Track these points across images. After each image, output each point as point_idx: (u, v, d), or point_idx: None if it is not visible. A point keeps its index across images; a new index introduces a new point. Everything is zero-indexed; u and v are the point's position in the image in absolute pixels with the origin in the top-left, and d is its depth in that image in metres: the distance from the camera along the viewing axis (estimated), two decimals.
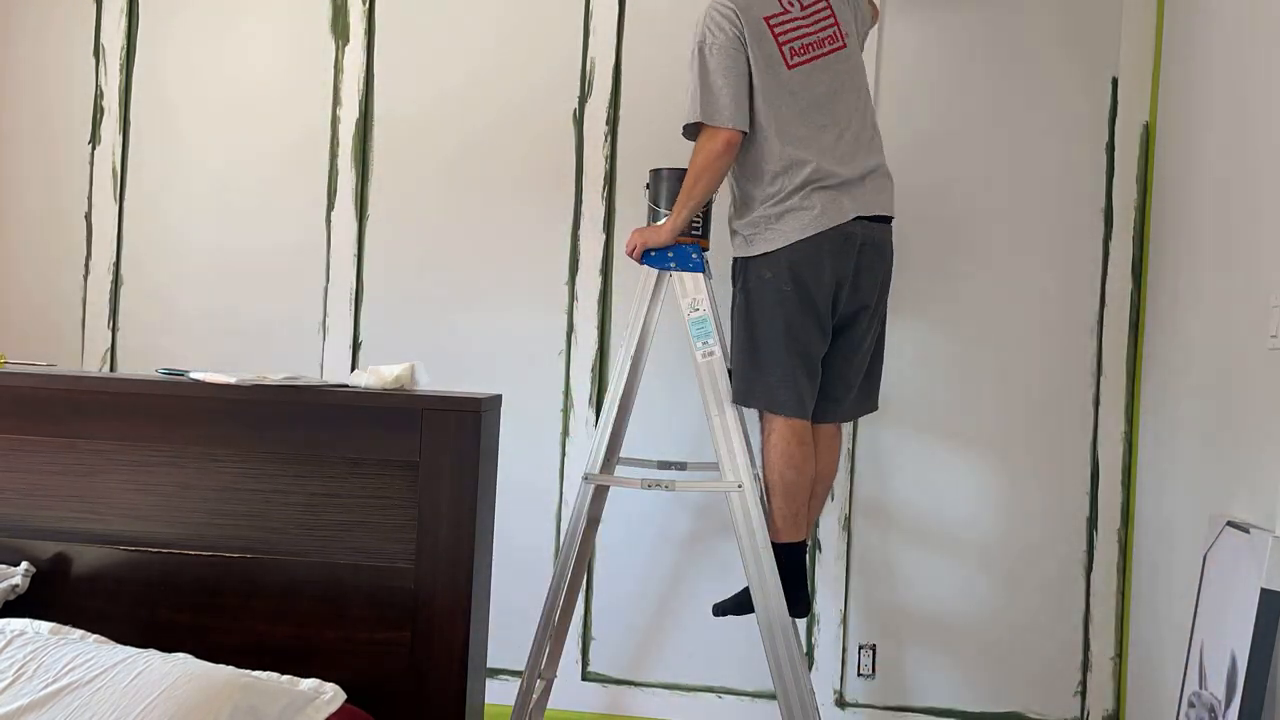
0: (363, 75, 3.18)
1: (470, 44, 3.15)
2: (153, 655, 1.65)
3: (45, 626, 1.74)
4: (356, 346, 3.18)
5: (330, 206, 3.19)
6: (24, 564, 1.92)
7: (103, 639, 1.74)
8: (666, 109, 3.06)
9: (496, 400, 1.94)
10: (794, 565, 2.49)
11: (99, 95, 3.28)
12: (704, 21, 2.41)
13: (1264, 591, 1.97)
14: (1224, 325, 2.37)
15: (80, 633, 1.75)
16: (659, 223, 2.54)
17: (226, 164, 3.24)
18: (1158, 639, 2.69)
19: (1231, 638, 2.07)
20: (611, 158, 3.07)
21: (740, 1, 2.41)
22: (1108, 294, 2.92)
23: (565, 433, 3.10)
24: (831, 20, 2.50)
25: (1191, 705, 2.21)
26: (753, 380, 2.43)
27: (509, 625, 3.02)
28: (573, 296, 3.09)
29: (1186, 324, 2.60)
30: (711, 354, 2.46)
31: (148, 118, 3.28)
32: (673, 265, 2.53)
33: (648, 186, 2.62)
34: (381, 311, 3.17)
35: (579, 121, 3.09)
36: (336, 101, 3.19)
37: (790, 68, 2.42)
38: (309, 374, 3.04)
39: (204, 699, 1.53)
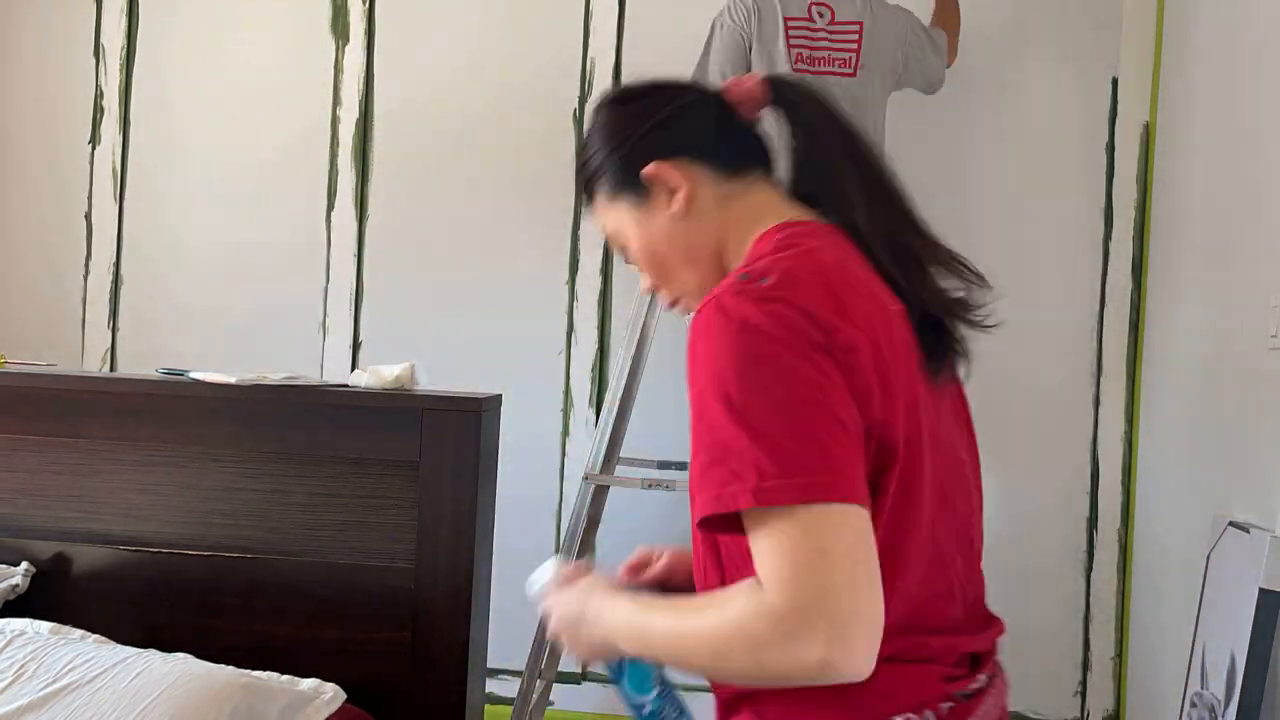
0: (363, 75, 3.18)
1: (470, 43, 3.15)
2: (153, 655, 1.65)
3: (45, 626, 1.74)
4: (356, 346, 3.18)
5: (330, 206, 3.19)
6: (24, 564, 1.91)
7: (103, 639, 1.74)
8: None
9: (496, 400, 1.94)
10: None
11: (99, 95, 3.28)
12: (726, 3, 2.47)
13: (1262, 591, 1.97)
14: (1224, 325, 2.37)
15: (80, 633, 1.75)
16: None
17: (226, 163, 3.24)
18: (1158, 639, 2.69)
19: (1231, 638, 2.07)
20: None
21: None
22: (1108, 294, 2.92)
23: (565, 433, 3.10)
24: (855, 46, 2.48)
25: (1194, 705, 2.21)
26: None
27: (509, 625, 3.02)
28: (573, 296, 3.09)
29: (1187, 324, 2.60)
30: None
31: (148, 118, 3.28)
32: None
33: None
34: (381, 311, 3.17)
35: (579, 121, 3.09)
36: (336, 101, 3.19)
37: (792, 68, 2.42)
38: (309, 374, 3.04)
39: (204, 699, 1.53)
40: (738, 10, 2.44)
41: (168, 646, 1.72)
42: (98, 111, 3.28)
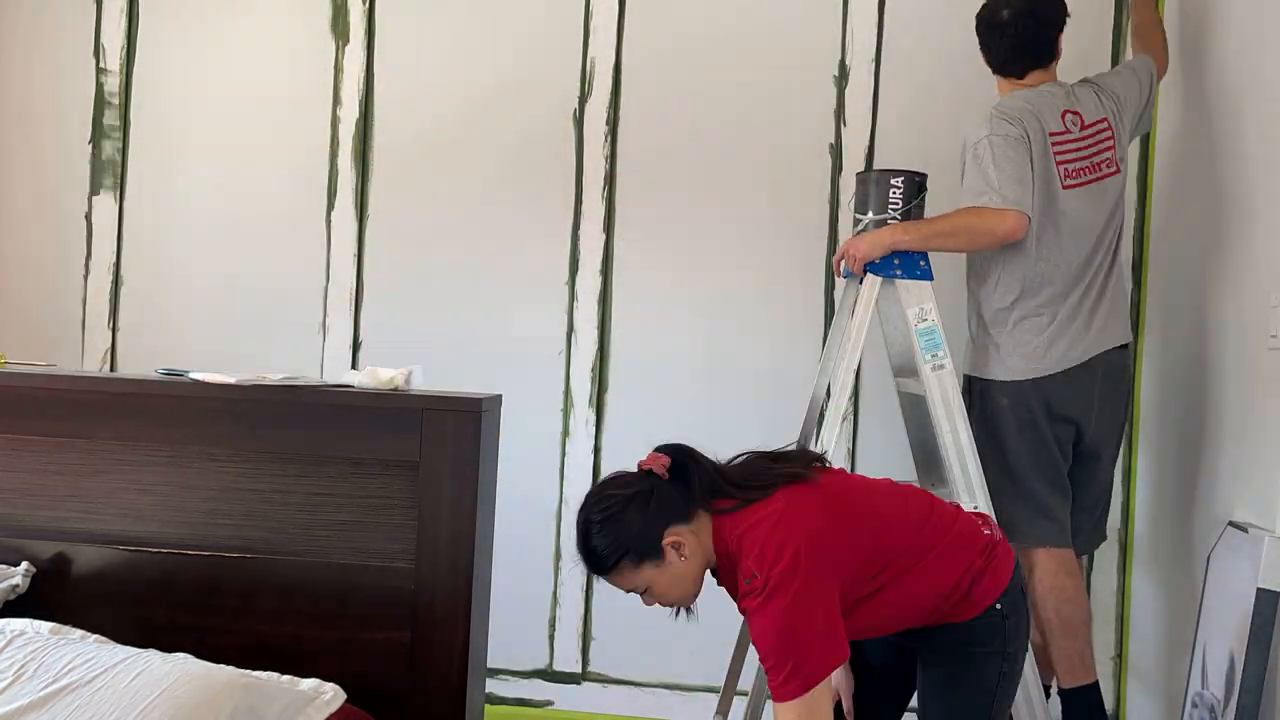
0: (363, 75, 3.17)
1: (470, 44, 3.15)
2: (153, 655, 1.65)
3: (45, 626, 1.74)
4: (356, 346, 3.18)
5: (330, 206, 3.19)
6: (24, 564, 1.91)
7: (103, 639, 1.74)
8: (666, 109, 3.06)
9: (496, 400, 1.94)
10: (1092, 710, 2.36)
11: (99, 95, 3.28)
12: (990, 119, 2.37)
13: (1260, 591, 1.97)
14: (1224, 325, 2.38)
15: (80, 633, 1.75)
16: (861, 231, 2.39)
17: (226, 163, 3.23)
18: (1158, 639, 2.69)
19: (1231, 638, 2.07)
20: (611, 158, 3.07)
21: (1027, 110, 2.37)
22: None
23: (565, 433, 3.10)
24: (1111, 143, 2.44)
25: (1195, 705, 2.21)
26: (1010, 513, 2.32)
27: (509, 625, 3.02)
28: (573, 296, 3.09)
29: (1186, 324, 2.60)
30: (942, 366, 2.32)
31: (148, 117, 3.28)
32: (899, 273, 2.37)
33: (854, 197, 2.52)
34: (381, 311, 3.17)
35: (579, 121, 3.09)
36: (336, 101, 3.19)
37: (1065, 188, 2.38)
38: (309, 374, 3.04)
39: (204, 699, 1.53)
40: (1010, 125, 2.33)
41: (168, 646, 1.72)
42: (98, 111, 3.28)
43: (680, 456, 1.78)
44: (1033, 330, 2.37)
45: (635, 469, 1.80)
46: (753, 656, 2.42)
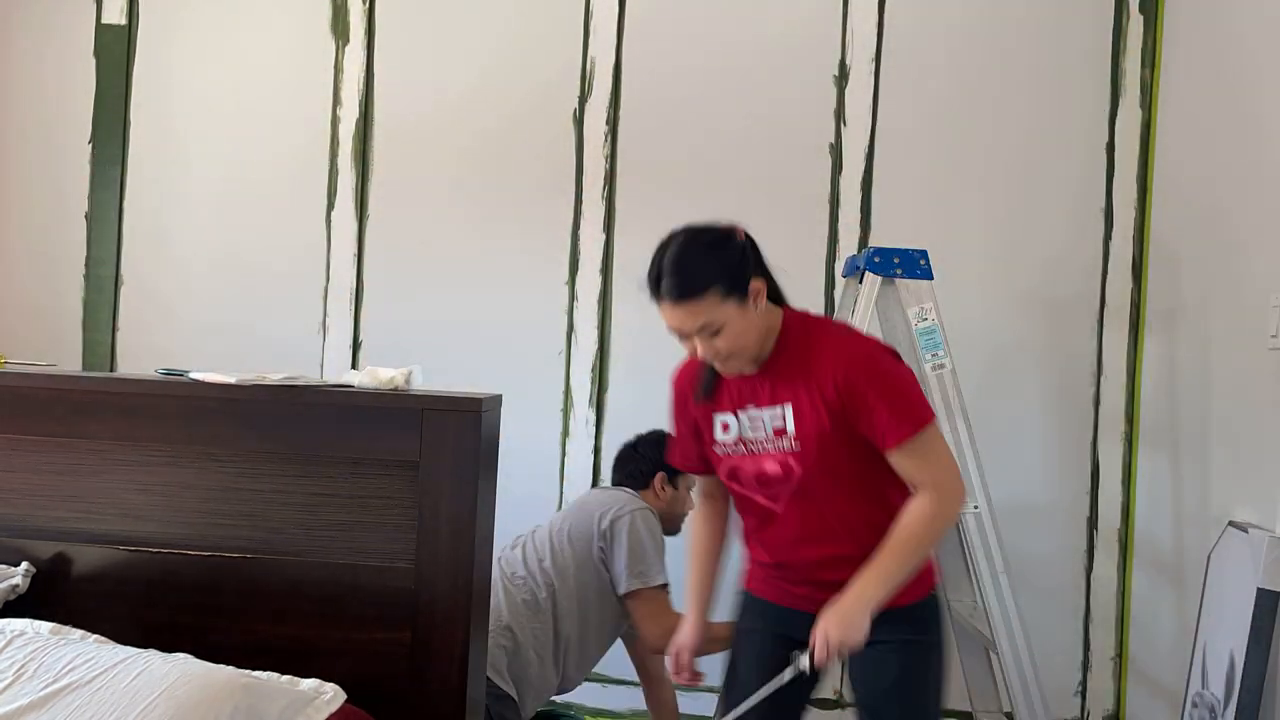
0: (363, 75, 3.18)
1: (470, 44, 3.15)
2: (153, 655, 1.65)
3: (45, 626, 1.74)
4: (356, 346, 3.18)
5: (330, 206, 3.19)
6: (24, 564, 1.91)
7: (103, 639, 1.74)
8: (666, 109, 3.06)
9: (496, 400, 1.94)
10: None
11: (99, 95, 3.28)
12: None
13: (1260, 591, 1.97)
14: (1224, 325, 2.38)
15: (80, 633, 1.75)
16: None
17: (226, 163, 3.24)
18: (1158, 639, 2.69)
19: (1231, 638, 2.07)
20: (611, 158, 3.07)
21: None
22: (1108, 294, 2.92)
23: (565, 433, 3.10)
24: None
25: (1195, 705, 2.21)
26: None
27: None
28: (573, 296, 3.09)
29: (1186, 324, 2.60)
30: (942, 366, 2.32)
31: (148, 117, 3.28)
32: (899, 272, 2.35)
33: None
34: (381, 311, 3.17)
35: (579, 121, 3.09)
36: (336, 101, 3.19)
37: None
38: (309, 374, 3.04)
39: (204, 699, 1.53)
40: None
41: (168, 646, 1.71)
42: (98, 111, 3.28)
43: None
44: None
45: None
46: None
